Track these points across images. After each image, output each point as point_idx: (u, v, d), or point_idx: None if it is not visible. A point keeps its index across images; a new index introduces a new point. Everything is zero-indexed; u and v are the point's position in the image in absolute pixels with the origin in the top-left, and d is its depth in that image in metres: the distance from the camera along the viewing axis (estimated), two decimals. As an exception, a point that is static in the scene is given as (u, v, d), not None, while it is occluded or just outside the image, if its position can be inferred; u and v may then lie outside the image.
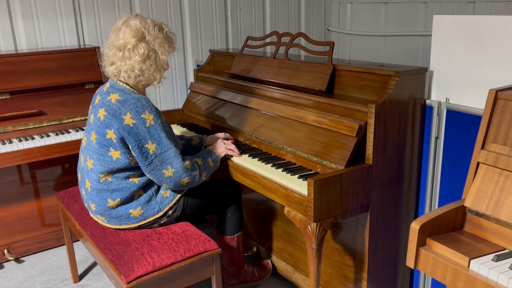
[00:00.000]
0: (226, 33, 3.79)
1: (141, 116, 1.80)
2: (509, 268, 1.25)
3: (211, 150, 2.13)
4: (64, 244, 2.94)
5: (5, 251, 2.74)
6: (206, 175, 2.02)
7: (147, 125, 1.81)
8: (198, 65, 3.37)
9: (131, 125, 1.79)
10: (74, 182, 2.89)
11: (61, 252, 2.89)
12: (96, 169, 1.87)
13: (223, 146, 2.15)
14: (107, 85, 1.93)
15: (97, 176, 1.87)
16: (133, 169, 1.88)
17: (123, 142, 1.81)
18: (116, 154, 1.83)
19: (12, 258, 2.76)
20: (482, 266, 1.26)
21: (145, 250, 1.80)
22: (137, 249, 1.81)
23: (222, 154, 2.14)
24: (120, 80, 1.90)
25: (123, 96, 1.82)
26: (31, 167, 2.79)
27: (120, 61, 1.86)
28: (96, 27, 3.19)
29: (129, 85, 1.91)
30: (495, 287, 1.20)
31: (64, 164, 2.90)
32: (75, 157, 2.82)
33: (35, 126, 2.66)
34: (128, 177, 1.88)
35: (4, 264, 2.77)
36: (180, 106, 3.45)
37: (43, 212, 2.88)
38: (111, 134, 1.81)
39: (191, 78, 3.65)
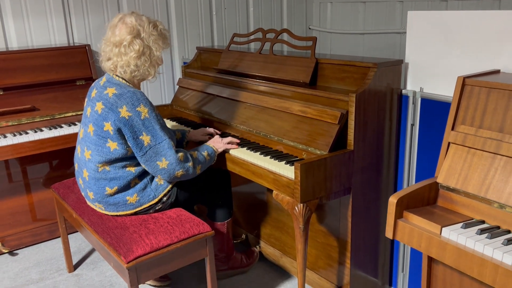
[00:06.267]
0: (212, 31, 3.91)
1: (137, 109, 1.90)
2: (475, 233, 1.40)
3: (208, 144, 2.20)
4: (57, 237, 3.03)
5: (0, 244, 2.80)
6: (201, 168, 2.10)
7: (142, 117, 1.91)
8: (184, 62, 3.47)
9: (126, 117, 1.89)
10: (65, 176, 2.96)
11: (54, 244, 2.96)
12: (94, 159, 1.97)
13: (220, 142, 2.22)
14: (104, 79, 2.03)
15: (95, 166, 1.97)
16: (130, 158, 1.99)
17: (119, 133, 1.91)
18: (113, 145, 1.93)
19: (6, 251, 2.83)
20: (452, 233, 1.41)
21: (142, 233, 1.90)
22: (135, 232, 1.92)
23: (220, 149, 2.20)
24: (116, 75, 2.00)
25: (120, 90, 1.93)
26: (22, 162, 2.86)
27: (117, 56, 1.95)
28: (85, 26, 3.27)
29: (125, 80, 2.01)
30: (463, 249, 1.35)
31: (55, 159, 2.98)
32: (66, 152, 2.92)
33: (28, 121, 2.73)
34: (125, 166, 1.99)
35: (-2, 257, 2.84)
36: (167, 102, 3.55)
37: (35, 206, 2.95)
38: (108, 126, 1.91)
39: (178, 75, 3.75)
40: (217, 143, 2.22)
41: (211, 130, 2.45)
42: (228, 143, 2.23)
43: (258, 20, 4.18)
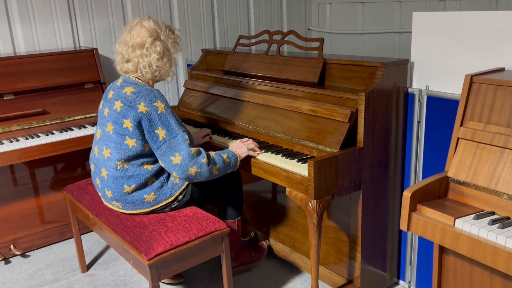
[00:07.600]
0: (214, 33, 3.97)
1: (154, 104, 1.98)
2: (487, 224, 1.47)
3: (230, 149, 2.19)
4: (67, 239, 3.07)
5: (11, 246, 2.84)
6: (219, 169, 2.08)
7: (158, 112, 1.98)
8: (188, 65, 3.53)
9: (144, 112, 1.96)
10: (73, 178, 3.00)
11: (65, 246, 3.01)
12: (113, 157, 2.03)
13: (244, 147, 2.19)
14: (120, 80, 2.10)
15: (114, 164, 2.03)
16: (147, 156, 2.05)
17: (139, 129, 1.98)
18: (131, 142, 1.99)
19: (18, 253, 2.86)
20: (465, 224, 1.48)
21: (161, 231, 1.96)
22: (154, 230, 1.97)
23: (243, 155, 2.18)
24: (133, 76, 2.07)
25: (137, 89, 2.01)
26: (31, 165, 2.90)
27: (138, 58, 2.04)
28: (90, 30, 3.31)
29: (140, 80, 2.08)
30: (477, 239, 1.42)
31: (62, 162, 3.02)
32: (74, 155, 2.96)
33: (38, 125, 2.77)
34: (142, 164, 2.04)
35: (10, 259, 2.87)
36: (172, 104, 3.60)
37: (44, 208, 2.99)
38: (127, 123, 1.97)
39: (181, 77, 3.81)
40: (239, 149, 2.20)
41: (206, 130, 2.53)
42: (251, 149, 2.21)
43: (259, 22, 4.24)
